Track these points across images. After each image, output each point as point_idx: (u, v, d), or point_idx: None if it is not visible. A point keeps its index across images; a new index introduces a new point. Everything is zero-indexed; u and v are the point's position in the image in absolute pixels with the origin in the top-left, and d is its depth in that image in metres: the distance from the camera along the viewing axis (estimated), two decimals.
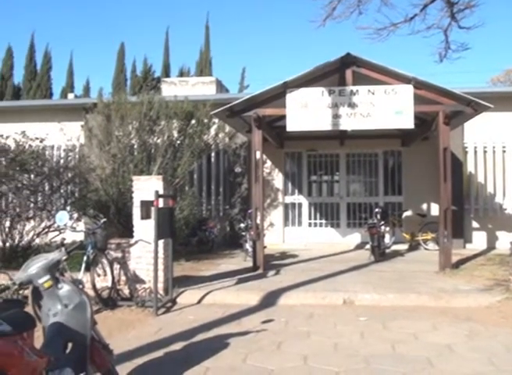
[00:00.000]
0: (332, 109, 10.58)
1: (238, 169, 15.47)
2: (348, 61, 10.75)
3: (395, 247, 13.96)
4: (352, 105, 10.54)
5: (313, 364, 5.24)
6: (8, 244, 10.20)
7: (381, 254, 11.90)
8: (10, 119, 15.75)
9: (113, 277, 7.94)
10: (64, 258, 4.06)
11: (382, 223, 12.27)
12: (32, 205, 10.32)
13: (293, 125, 10.77)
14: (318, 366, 5.19)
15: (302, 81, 10.70)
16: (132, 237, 8.41)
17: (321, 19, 8.67)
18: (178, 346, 5.90)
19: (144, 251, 7.98)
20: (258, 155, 10.81)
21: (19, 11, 58.29)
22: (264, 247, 10.80)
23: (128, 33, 61.42)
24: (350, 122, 10.60)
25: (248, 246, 11.75)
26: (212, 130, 13.48)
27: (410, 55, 66.31)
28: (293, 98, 10.65)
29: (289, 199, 15.66)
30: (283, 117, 11.12)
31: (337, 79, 11.04)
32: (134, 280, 8.11)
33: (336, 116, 10.58)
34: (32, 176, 10.30)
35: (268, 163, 15.36)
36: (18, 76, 36.34)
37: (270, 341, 6.01)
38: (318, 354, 5.56)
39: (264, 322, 6.80)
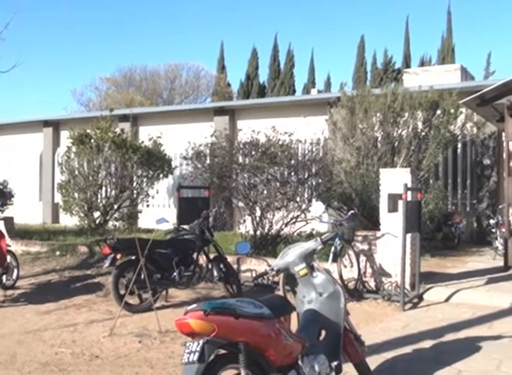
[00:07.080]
0: None
1: (487, 162, 14.58)
2: None
3: None
4: None
5: None
6: (258, 232, 10.84)
7: None
8: (258, 115, 16.85)
9: (359, 269, 8.04)
10: (319, 247, 4.18)
11: None
12: (280, 196, 10.82)
13: None
14: None
15: None
16: (375, 229, 8.39)
17: None
18: (426, 344, 5.75)
19: (391, 244, 7.89)
20: (511, 146, 10.10)
21: (262, 15, 62.09)
22: None
23: (367, 25, 61.48)
24: None
25: (498, 244, 11.14)
26: (459, 120, 12.86)
27: None
28: None
29: None
30: None
31: None
32: (380, 273, 8.10)
33: None
34: (281, 168, 10.80)
35: None
36: (263, 76, 38.75)
37: None
38: None
39: None
